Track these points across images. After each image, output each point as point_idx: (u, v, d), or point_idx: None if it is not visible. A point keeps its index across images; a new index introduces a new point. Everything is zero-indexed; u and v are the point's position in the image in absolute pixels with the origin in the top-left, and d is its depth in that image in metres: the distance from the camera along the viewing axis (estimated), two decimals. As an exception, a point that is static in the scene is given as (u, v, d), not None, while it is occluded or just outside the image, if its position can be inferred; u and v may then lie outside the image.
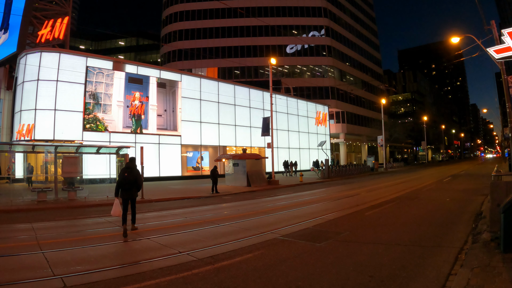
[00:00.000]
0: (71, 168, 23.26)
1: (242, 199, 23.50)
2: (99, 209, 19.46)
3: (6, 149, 26.95)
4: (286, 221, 13.72)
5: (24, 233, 12.73)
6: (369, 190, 26.69)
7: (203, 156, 44.41)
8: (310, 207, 18.29)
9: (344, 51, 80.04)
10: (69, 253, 9.69)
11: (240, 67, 72.37)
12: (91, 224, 14.84)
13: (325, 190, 28.48)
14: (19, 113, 36.56)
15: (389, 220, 13.94)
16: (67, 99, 35.80)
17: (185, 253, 9.32)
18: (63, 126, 35.28)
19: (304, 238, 10.87)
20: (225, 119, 47.28)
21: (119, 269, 8.14)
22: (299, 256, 8.92)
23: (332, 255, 9.04)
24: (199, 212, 17.65)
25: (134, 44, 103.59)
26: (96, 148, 25.63)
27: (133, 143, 36.80)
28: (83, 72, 36.60)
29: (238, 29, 75.21)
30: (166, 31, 79.97)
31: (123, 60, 53.91)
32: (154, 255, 9.20)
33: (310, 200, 21.44)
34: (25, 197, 23.07)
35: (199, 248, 9.81)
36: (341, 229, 12.14)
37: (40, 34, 42.09)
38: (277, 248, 9.82)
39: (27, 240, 11.50)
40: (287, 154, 53.84)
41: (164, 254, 9.21)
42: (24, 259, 9.23)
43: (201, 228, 12.87)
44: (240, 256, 9.02)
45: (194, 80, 45.53)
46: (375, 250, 9.39)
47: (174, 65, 73.39)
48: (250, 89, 51.81)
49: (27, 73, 36.62)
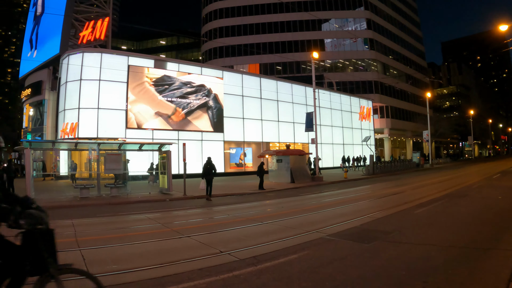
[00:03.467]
0: (113, 165, 22.98)
1: (285, 196, 22.68)
2: (140, 205, 19.15)
3: (51, 147, 27.05)
4: (332, 220, 12.91)
5: (64, 230, 12.45)
6: (416, 187, 25.26)
7: (246, 152, 43.73)
8: (356, 205, 17.29)
9: (387, 43, 77.63)
10: (106, 251, 9.43)
11: (282, 62, 71.00)
12: (131, 221, 14.50)
13: (370, 187, 27.41)
14: (63, 112, 36.99)
15: (439, 219, 12.82)
16: (110, 98, 35.95)
17: (226, 252, 8.72)
18: (106, 124, 35.48)
19: (351, 237, 10.15)
20: (267, 115, 46.48)
21: (156, 269, 7.64)
22: (346, 258, 8.20)
23: (381, 257, 8.26)
24: (242, 209, 17.03)
25: (175, 43, 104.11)
26: (139, 145, 25.28)
27: (175, 139, 36.51)
28: (125, 71, 36.60)
29: (278, 24, 74.16)
30: (206, 28, 79.80)
31: (164, 58, 54.04)
32: (194, 254, 8.65)
33: (355, 197, 20.28)
34: (68, 193, 23.15)
35: (241, 247, 9.19)
36: (389, 228, 11.30)
37: (82, 35, 42.58)
38: (323, 248, 9.13)
39: (66, 236, 11.19)
40: (330, 150, 52.64)
41: (204, 254, 8.66)
42: (60, 256, 8.74)
43: (244, 226, 12.19)
44: (284, 256, 8.30)
45: (236, 77, 45.01)
46: (427, 252, 8.51)
47: (215, 62, 72.80)
48: (293, 84, 50.76)
49: (70, 73, 37.00)
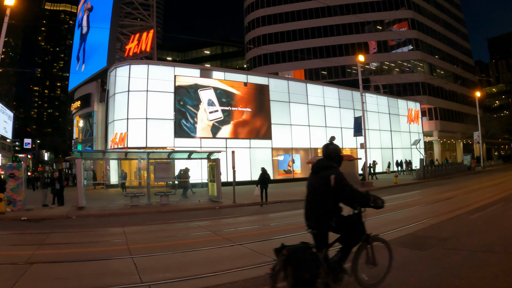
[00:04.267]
0: (163, 173, 23.31)
1: None
2: (190, 213, 19.19)
3: (101, 156, 27.68)
4: (385, 226, 12.46)
5: (116, 237, 12.75)
6: (469, 191, 24.23)
7: (294, 159, 43.28)
8: (409, 210, 16.70)
9: (432, 43, 75.41)
10: (158, 258, 9.45)
11: (327, 67, 70.25)
12: (181, 229, 14.54)
13: (421, 192, 26.67)
14: (112, 123, 37.89)
15: (497, 224, 12.22)
16: (158, 108, 36.39)
17: None
18: (155, 133, 35.90)
19: (406, 245, 9.85)
20: (315, 120, 45.80)
21: (210, 278, 7.60)
22: (403, 266, 7.86)
23: (439, 264, 7.89)
24: (292, 216, 16.66)
25: (219, 52, 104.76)
26: (188, 153, 25.50)
27: (223, 147, 36.66)
28: (172, 81, 36.96)
29: (321, 29, 73.45)
30: (250, 36, 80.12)
31: (210, 67, 54.56)
32: (246, 262, 8.58)
33: (407, 203, 19.62)
34: (119, 201, 23.53)
35: None
36: (445, 234, 10.87)
37: (128, 48, 43.50)
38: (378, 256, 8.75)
39: (118, 244, 11.42)
40: (379, 155, 51.50)
41: (257, 262, 8.53)
42: (113, 263, 9.22)
43: (296, 233, 11.67)
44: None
45: (282, 83, 44.72)
46: (487, 260, 8.06)
47: (260, 69, 72.88)
48: (339, 89, 49.86)
49: (118, 85, 37.85)
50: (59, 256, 10.18)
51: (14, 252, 10.83)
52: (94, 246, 11.30)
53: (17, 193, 20.46)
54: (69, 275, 8.19)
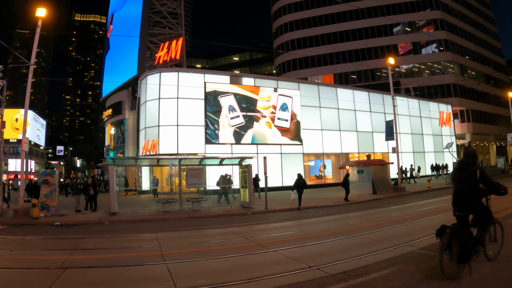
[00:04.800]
0: (195, 179, 23.33)
1: (368, 207, 21.84)
2: (222, 219, 19.02)
3: (133, 163, 27.89)
4: (421, 232, 12.03)
5: (149, 243, 12.67)
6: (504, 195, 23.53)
7: (325, 164, 42.72)
8: (444, 216, 15.72)
9: (462, 43, 73.41)
10: (192, 264, 9.37)
11: (356, 71, 69.91)
12: (214, 235, 14.41)
13: None
14: (144, 130, 38.13)
15: None
16: (188, 115, 36.45)
17: (315, 267, 8.36)
18: (186, 140, 35.94)
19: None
20: (345, 125, 45.08)
21: (244, 284, 7.52)
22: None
23: (478, 271, 7.46)
24: (325, 222, 16.49)
25: (248, 58, 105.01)
26: (219, 159, 25.44)
27: (254, 153, 36.45)
28: (202, 88, 37.03)
29: (349, 32, 72.81)
30: (278, 42, 79.93)
31: (239, 73, 54.60)
32: (282, 269, 8.37)
33: (442, 208, 18.78)
34: (151, 207, 23.54)
35: (329, 262, 8.79)
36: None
37: (158, 56, 43.96)
38: (416, 262, 8.54)
39: (151, 250, 11.36)
40: (411, 159, 50.58)
41: (292, 269, 8.36)
42: (146, 269, 9.16)
43: (330, 239, 11.73)
44: (376, 272, 7.91)
45: (312, 88, 44.15)
46: None
47: (290, 75, 72.58)
48: (369, 92, 48.97)
49: (148, 93, 38.11)
50: (92, 261, 10.17)
51: (48, 257, 10.88)
52: (127, 252, 11.32)
53: (50, 199, 20.75)
54: (103, 280, 8.16)
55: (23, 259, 10.59)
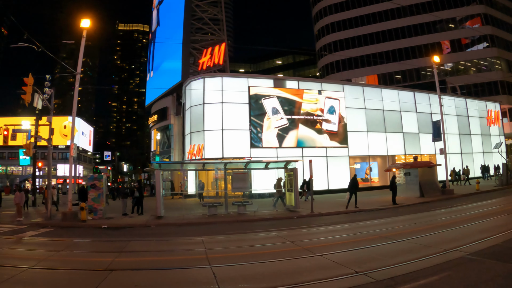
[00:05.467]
0: (241, 183, 23.24)
1: (416, 211, 21.01)
2: (268, 223, 18.78)
3: (178, 167, 28.14)
4: (470, 236, 11.59)
5: (194, 246, 12.61)
6: None
7: (371, 166, 41.99)
8: (495, 219, 15.23)
9: (508, 38, 69.26)
10: (237, 268, 9.36)
11: (401, 71, 68.43)
12: (260, 239, 14.27)
13: (506, 199, 24.61)
14: (189, 135, 38.40)
15: None
16: (233, 119, 36.55)
17: (362, 273, 8.16)
18: (231, 144, 36.00)
19: (494, 257, 9.05)
20: (391, 126, 43.89)
21: None
22: (492, 280, 7.32)
23: None
24: (372, 226, 16.01)
25: (291, 61, 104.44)
26: (265, 163, 25.28)
27: (300, 156, 36.15)
28: (246, 92, 37.05)
29: (392, 31, 71.24)
30: (321, 44, 79.35)
31: (283, 77, 54.53)
32: (328, 274, 8.25)
33: (492, 211, 18.04)
34: (197, 211, 23.56)
35: (376, 267, 8.56)
36: None
37: (201, 62, 44.33)
38: (465, 269, 8.27)
39: (196, 253, 11.34)
40: (459, 160, 48.94)
41: (338, 274, 8.21)
42: (191, 272, 9.17)
43: (376, 244, 11.42)
44: (424, 278, 7.66)
45: (356, 90, 43.47)
46: None
47: (333, 77, 72.00)
48: (415, 92, 47.44)
49: (193, 98, 38.46)
50: (138, 263, 10.20)
51: (94, 258, 11.00)
52: (173, 255, 11.34)
53: (98, 202, 21.12)
54: (148, 282, 8.20)
55: (71, 260, 10.75)
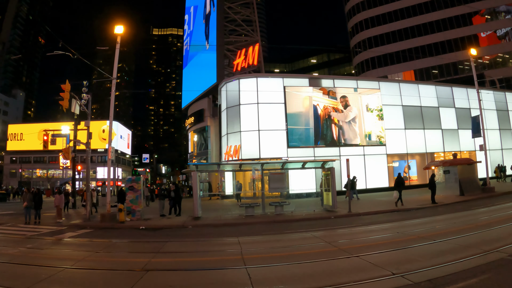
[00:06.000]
0: (278, 183, 23.14)
1: (455, 210, 20.30)
2: (305, 223, 18.52)
3: (215, 169, 28.29)
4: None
5: (230, 247, 12.60)
6: None
7: (410, 165, 41.02)
8: None
9: None
10: (272, 269, 9.24)
11: (437, 65, 66.38)
12: (296, 240, 14.03)
13: None
14: (226, 136, 38.66)
15: None
16: (269, 119, 36.50)
17: (399, 275, 7.97)
18: (268, 144, 35.96)
19: None
20: (429, 123, 42.64)
21: None
22: None
23: None
24: (410, 226, 15.58)
25: (325, 59, 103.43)
26: (301, 163, 25.10)
27: (337, 156, 35.80)
28: (281, 92, 36.94)
29: (427, 25, 68.91)
30: (355, 41, 78.38)
31: (318, 75, 54.09)
32: (364, 276, 8.07)
33: None
34: (234, 212, 23.64)
35: (414, 269, 8.32)
36: None
37: (235, 63, 44.50)
38: (506, 271, 7.97)
39: (232, 254, 11.32)
40: (499, 156, 47.12)
41: (375, 276, 8.04)
42: (227, 273, 9.19)
43: (414, 245, 11.09)
44: (463, 280, 7.41)
45: (392, 86, 42.43)
46: None
47: (369, 74, 71.08)
48: (453, 87, 46.08)
49: (228, 99, 38.68)
50: (174, 264, 10.26)
51: (131, 259, 11.11)
52: (208, 256, 11.32)
53: (136, 204, 21.43)
54: (183, 283, 8.24)
55: (107, 260, 10.92)
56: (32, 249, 12.97)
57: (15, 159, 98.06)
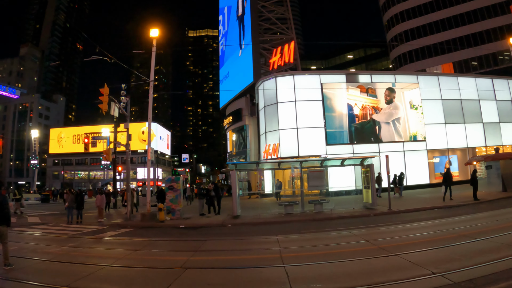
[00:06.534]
0: (317, 181, 22.96)
1: (498, 207, 19.58)
2: (344, 221, 18.30)
3: (254, 167, 28.37)
4: None
5: (269, 246, 12.53)
6: None
7: (451, 160, 39.91)
8: None
9: None
10: (310, 268, 9.17)
11: (477, 57, 63.56)
12: (335, 238, 13.86)
13: None
14: (264, 134, 38.74)
15: None
16: (307, 117, 36.25)
17: (439, 274, 7.75)
18: (306, 142, 35.72)
19: None
20: (469, 116, 40.97)
21: None
22: None
23: None
24: (451, 223, 15.08)
25: (362, 55, 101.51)
26: (340, 160, 24.84)
27: (376, 152, 35.03)
28: (319, 89, 36.61)
29: (464, 16, 66.00)
30: (391, 35, 76.61)
31: (355, 71, 53.45)
32: (403, 275, 7.93)
33: None
34: (273, 210, 23.46)
35: (454, 268, 8.07)
36: None
37: (272, 62, 44.56)
38: None
39: (271, 252, 11.27)
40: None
41: (414, 275, 7.87)
42: (264, 272, 9.13)
43: (455, 243, 10.72)
44: (505, 281, 7.15)
45: (431, 80, 41.19)
46: None
47: (407, 68, 69.28)
48: (493, 79, 44.11)
49: (266, 98, 38.71)
50: (212, 262, 10.31)
51: (170, 257, 11.28)
52: (247, 254, 11.32)
53: (175, 203, 21.73)
54: (220, 281, 8.26)
55: (147, 259, 11.07)
56: (73, 247, 13.34)
57: (57, 161, 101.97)
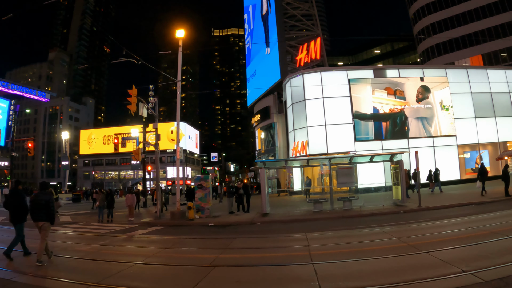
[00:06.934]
0: (346, 178, 22.80)
1: None
2: (373, 218, 18.10)
3: (283, 165, 28.35)
4: None
5: (297, 243, 12.52)
6: None
7: (482, 155, 38.94)
8: None
9: None
10: (339, 266, 9.09)
11: (506, 48, 60.79)
12: (365, 235, 13.70)
13: None
14: (292, 132, 38.72)
15: None
16: (335, 113, 36.14)
17: (469, 272, 7.53)
18: (335, 139, 35.63)
19: None
20: (500, 110, 39.73)
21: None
22: None
23: None
24: (482, 220, 14.71)
25: (389, 49, 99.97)
26: (369, 157, 24.62)
27: (406, 148, 34.60)
28: (346, 85, 36.43)
29: (491, 6, 62.89)
30: (418, 28, 74.68)
31: (383, 66, 52.81)
32: (433, 273, 7.75)
33: None
34: (302, 208, 23.44)
35: (485, 267, 7.82)
36: None
37: (298, 59, 44.54)
38: None
39: (299, 250, 11.22)
40: None
41: (444, 273, 7.67)
42: (293, 269, 9.16)
43: (486, 241, 10.39)
44: None
45: (460, 73, 40.13)
46: None
47: (435, 61, 67.47)
48: None
49: (294, 95, 38.73)
50: (241, 260, 10.34)
51: (200, 255, 11.37)
52: (275, 252, 11.29)
53: (204, 201, 21.94)
54: (249, 279, 8.28)
55: (176, 256, 11.22)
56: (104, 245, 13.57)
57: (87, 162, 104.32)
